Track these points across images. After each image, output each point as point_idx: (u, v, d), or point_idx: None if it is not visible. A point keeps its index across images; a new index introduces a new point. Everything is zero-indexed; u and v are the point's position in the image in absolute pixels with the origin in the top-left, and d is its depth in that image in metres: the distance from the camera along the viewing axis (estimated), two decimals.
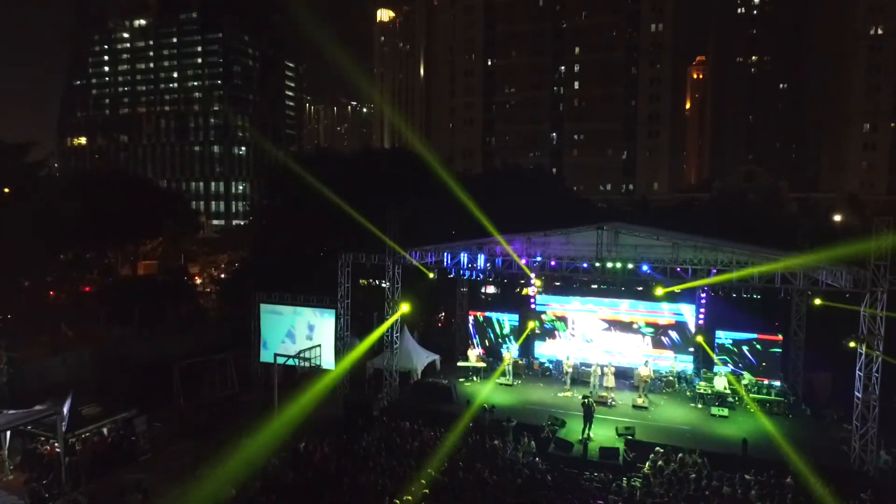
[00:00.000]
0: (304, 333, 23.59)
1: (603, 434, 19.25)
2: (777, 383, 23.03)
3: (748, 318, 23.50)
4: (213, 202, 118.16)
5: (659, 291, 20.11)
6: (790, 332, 23.71)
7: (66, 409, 18.19)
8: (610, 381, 23.51)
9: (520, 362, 26.28)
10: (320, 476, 16.47)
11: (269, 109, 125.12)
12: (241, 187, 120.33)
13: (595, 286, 24.31)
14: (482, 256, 21.71)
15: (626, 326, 26.02)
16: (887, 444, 17.59)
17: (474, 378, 25.49)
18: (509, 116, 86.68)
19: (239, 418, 23.31)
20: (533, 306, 27.47)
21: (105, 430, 19.37)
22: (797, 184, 76.45)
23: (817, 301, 17.84)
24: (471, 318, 28.74)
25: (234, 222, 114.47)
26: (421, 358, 26.41)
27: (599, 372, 23.92)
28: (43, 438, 18.11)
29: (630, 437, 18.99)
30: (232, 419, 23.12)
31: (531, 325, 27.65)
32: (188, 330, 29.46)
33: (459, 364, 25.94)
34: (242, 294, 28.15)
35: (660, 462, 17.15)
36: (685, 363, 25.26)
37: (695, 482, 15.99)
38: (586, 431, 18.59)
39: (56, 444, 17.53)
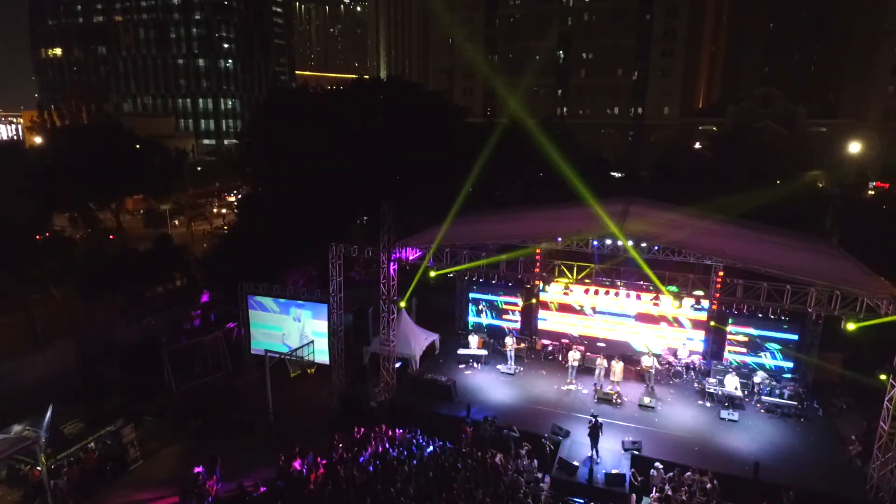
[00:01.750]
0: (297, 328, 22.32)
1: (609, 448, 18.51)
2: (788, 383, 22.10)
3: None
4: (203, 120, 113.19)
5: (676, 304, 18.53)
6: (807, 324, 22.50)
7: (43, 432, 17.33)
8: (617, 374, 22.64)
9: (522, 346, 25.30)
10: None
11: (256, 17, 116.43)
12: (230, 104, 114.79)
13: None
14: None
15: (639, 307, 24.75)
16: None
17: (475, 365, 24.62)
18: (513, 32, 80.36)
19: (232, 411, 22.77)
20: (538, 282, 26.04)
21: (92, 444, 18.59)
22: (816, 110, 72.32)
23: (851, 326, 16.34)
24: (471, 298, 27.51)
25: (226, 142, 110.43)
26: (419, 341, 25.36)
27: (605, 364, 22.97)
28: (25, 464, 17.34)
29: (637, 452, 18.33)
30: (226, 413, 22.55)
31: (534, 300, 26.54)
32: (175, 304, 28.23)
33: (460, 352, 24.92)
34: (230, 273, 26.62)
35: (668, 491, 16.51)
36: (695, 344, 24.27)
37: None
38: (593, 452, 17.81)
39: (38, 468, 16.81)
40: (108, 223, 39.07)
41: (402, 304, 21.44)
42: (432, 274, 20.86)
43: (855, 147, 67.40)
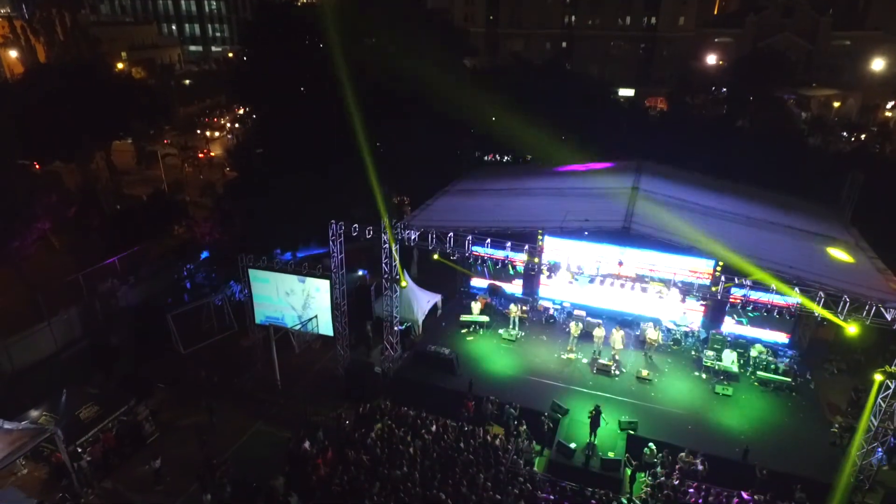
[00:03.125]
0: (300, 302, 22.32)
1: (605, 426, 19.17)
2: (784, 358, 22.50)
3: None
4: (187, 25, 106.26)
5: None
6: None
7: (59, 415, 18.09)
8: (617, 342, 23.04)
9: (525, 313, 25.51)
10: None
11: None
12: (213, 4, 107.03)
13: None
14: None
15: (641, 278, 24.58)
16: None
17: (479, 330, 24.97)
18: None
19: (242, 377, 23.43)
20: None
21: (109, 424, 19.30)
22: (842, 21, 67.60)
23: (853, 329, 16.32)
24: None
25: (213, 49, 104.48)
26: (422, 305, 25.57)
27: (604, 334, 23.31)
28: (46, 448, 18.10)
29: (632, 432, 19.10)
30: (235, 380, 23.21)
31: (536, 259, 26.30)
32: (175, 263, 28.06)
33: (463, 318, 25.17)
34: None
35: (661, 477, 17.40)
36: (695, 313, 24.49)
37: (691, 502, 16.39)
38: (592, 438, 18.50)
39: (59, 453, 17.58)
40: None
41: (403, 283, 21.30)
42: (435, 257, 20.52)
43: (878, 64, 63.95)
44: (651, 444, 18.42)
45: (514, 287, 26.84)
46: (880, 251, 19.79)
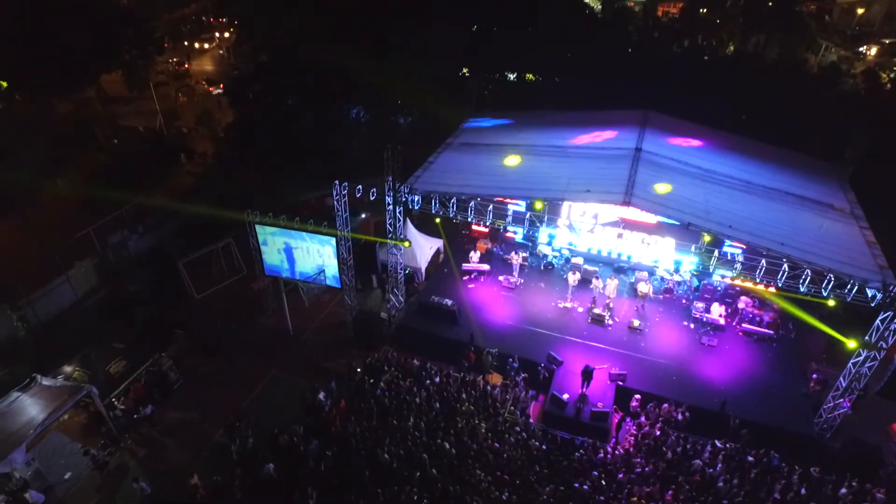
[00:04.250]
0: (307, 257, 23.02)
1: (596, 378, 20.74)
2: (769, 311, 23.59)
3: None
4: None
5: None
6: None
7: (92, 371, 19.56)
8: (611, 290, 24.16)
9: (525, 260, 26.37)
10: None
11: None
12: None
13: None
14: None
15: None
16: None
17: (480, 278, 25.98)
18: None
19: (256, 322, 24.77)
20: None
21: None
22: None
23: (831, 303, 17.26)
24: None
25: None
26: (424, 252, 26.38)
27: (601, 284, 24.37)
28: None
29: (621, 384, 20.71)
30: (249, 328, 24.56)
31: (538, 205, 26.79)
32: (180, 209, 28.43)
33: (465, 266, 26.06)
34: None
35: (644, 427, 19.16)
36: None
37: (671, 449, 18.26)
38: (585, 388, 20.09)
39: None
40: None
41: (406, 244, 21.93)
42: (437, 220, 20.99)
43: None
44: (637, 396, 20.08)
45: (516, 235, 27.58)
46: (877, 215, 20.29)
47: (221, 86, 42.81)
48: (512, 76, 35.08)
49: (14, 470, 16.83)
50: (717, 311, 23.09)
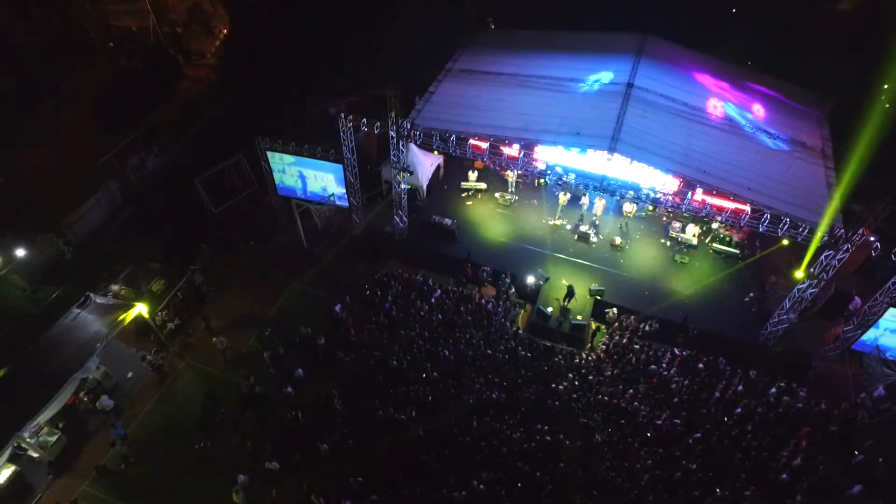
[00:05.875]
0: (316, 180, 24.66)
1: (577, 291, 23.57)
2: (741, 232, 25.68)
3: None
4: None
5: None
6: None
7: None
8: (598, 209, 26.34)
9: (520, 177, 28.02)
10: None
11: None
12: None
13: None
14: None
15: None
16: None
17: (478, 195, 27.87)
18: None
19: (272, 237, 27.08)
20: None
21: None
22: None
23: (785, 242, 19.44)
24: None
25: None
26: (425, 168, 27.88)
27: (588, 202, 26.44)
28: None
29: (599, 298, 23.67)
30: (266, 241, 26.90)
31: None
32: (189, 127, 29.31)
33: (463, 185, 27.81)
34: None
35: (616, 337, 22.38)
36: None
37: (636, 355, 21.66)
38: (567, 302, 23.05)
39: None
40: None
41: (409, 174, 23.52)
42: (436, 153, 22.39)
43: None
44: (613, 308, 23.11)
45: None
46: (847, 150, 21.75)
47: None
48: None
49: (89, 374, 20.22)
50: (692, 232, 25.39)
